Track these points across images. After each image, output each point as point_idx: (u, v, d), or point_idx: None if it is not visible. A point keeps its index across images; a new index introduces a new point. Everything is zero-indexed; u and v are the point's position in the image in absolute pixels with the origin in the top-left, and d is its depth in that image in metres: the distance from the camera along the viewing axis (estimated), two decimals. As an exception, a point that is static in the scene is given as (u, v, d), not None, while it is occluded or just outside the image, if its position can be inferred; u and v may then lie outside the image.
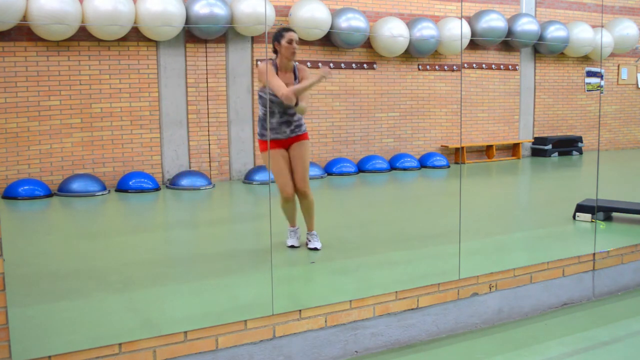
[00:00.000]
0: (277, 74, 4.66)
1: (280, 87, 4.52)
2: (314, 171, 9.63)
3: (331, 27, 9.72)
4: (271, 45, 4.80)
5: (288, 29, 4.70)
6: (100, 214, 7.34)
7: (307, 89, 4.58)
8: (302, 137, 4.80)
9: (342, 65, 10.29)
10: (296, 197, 4.85)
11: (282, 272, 4.19)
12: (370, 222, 6.39)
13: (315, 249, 4.84)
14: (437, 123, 11.37)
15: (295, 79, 4.75)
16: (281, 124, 4.69)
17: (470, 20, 11.27)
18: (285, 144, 4.77)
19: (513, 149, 12.25)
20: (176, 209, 7.79)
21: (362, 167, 10.24)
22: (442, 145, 11.38)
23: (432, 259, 4.69)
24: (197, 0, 8.72)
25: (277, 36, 4.67)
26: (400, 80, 10.90)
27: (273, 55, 4.84)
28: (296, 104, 4.60)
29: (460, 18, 10.99)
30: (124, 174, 8.60)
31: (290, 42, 4.62)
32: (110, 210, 7.56)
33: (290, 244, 4.92)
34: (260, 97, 4.69)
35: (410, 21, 10.60)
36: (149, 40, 8.77)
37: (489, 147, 11.82)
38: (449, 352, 3.68)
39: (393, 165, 10.53)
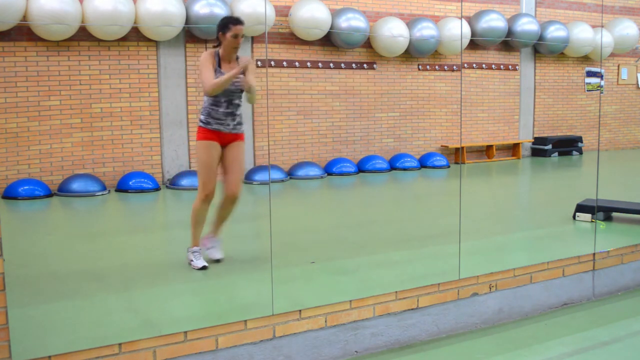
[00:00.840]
0: (219, 65, 4.41)
1: (205, 82, 4.32)
2: (314, 171, 9.63)
3: (331, 27, 9.72)
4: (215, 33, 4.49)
5: (237, 21, 4.38)
6: (100, 214, 7.34)
7: (228, 81, 4.27)
8: (241, 136, 4.56)
9: (342, 65, 10.29)
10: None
11: (282, 272, 4.19)
12: (370, 222, 6.39)
13: (219, 260, 4.57)
14: (437, 123, 11.37)
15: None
16: (227, 115, 4.45)
17: (470, 20, 11.27)
18: (224, 139, 4.49)
19: (513, 149, 12.25)
20: (176, 209, 7.79)
21: (362, 167, 10.24)
22: (442, 145, 11.38)
23: (432, 259, 4.69)
24: (197, 0, 8.72)
25: (223, 27, 4.35)
26: (400, 80, 10.90)
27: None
28: (241, 91, 4.42)
29: (460, 18, 10.99)
30: (124, 174, 8.60)
31: (235, 37, 4.34)
32: (110, 210, 7.56)
33: (201, 265, 4.36)
34: None
35: (410, 21, 10.59)
36: (149, 40, 8.77)
37: (489, 147, 11.82)
38: (449, 352, 3.68)
39: (393, 165, 10.53)
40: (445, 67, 11.30)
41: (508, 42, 11.70)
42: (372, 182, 9.42)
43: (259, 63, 9.53)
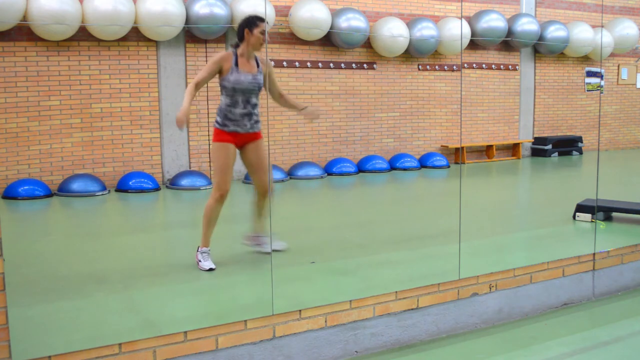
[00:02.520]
0: (237, 63, 4.41)
1: (195, 79, 4.34)
2: (314, 171, 9.63)
3: (331, 27, 9.72)
4: (238, 31, 4.53)
5: (262, 19, 4.49)
6: (100, 214, 7.34)
7: (185, 107, 4.28)
8: (259, 135, 4.60)
9: (342, 65, 10.29)
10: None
11: (282, 272, 4.19)
12: (370, 222, 6.39)
13: (280, 250, 4.69)
14: (437, 123, 11.37)
15: (257, 67, 4.52)
16: (243, 116, 4.44)
17: (470, 20, 11.27)
18: (242, 140, 4.51)
19: (513, 149, 12.25)
20: (176, 209, 7.79)
21: (362, 167, 10.24)
22: (442, 145, 11.38)
23: (432, 259, 4.69)
24: (197, 0, 8.72)
25: (250, 23, 4.44)
26: (400, 80, 10.90)
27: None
28: (259, 90, 4.51)
29: (460, 18, 10.99)
30: (124, 174, 8.60)
31: (262, 33, 4.42)
32: (110, 210, 7.56)
33: (209, 267, 4.37)
34: (224, 86, 4.39)
35: (410, 21, 10.59)
36: (149, 40, 8.77)
37: (489, 147, 11.82)
38: (449, 352, 3.68)
39: (393, 165, 10.53)
40: (445, 67, 11.30)
41: (508, 42, 11.70)
42: (372, 182, 9.42)
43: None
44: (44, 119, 8.29)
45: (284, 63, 9.77)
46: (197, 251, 4.53)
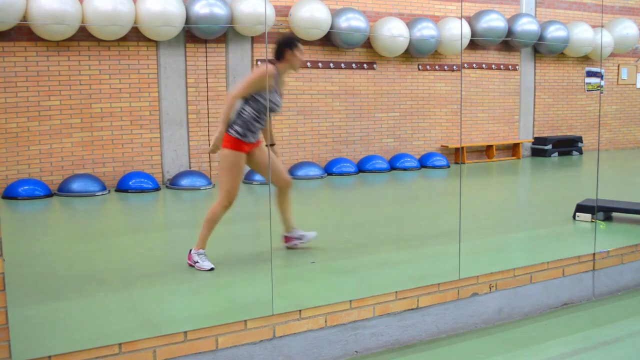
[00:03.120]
0: (276, 79, 4.56)
1: (235, 92, 4.42)
2: (314, 171, 9.63)
3: (331, 27, 9.72)
4: (274, 49, 4.63)
5: (298, 39, 4.72)
6: (100, 214, 7.34)
7: (220, 130, 4.43)
8: (260, 141, 4.72)
9: (342, 65, 10.29)
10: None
11: (282, 272, 4.19)
12: (370, 222, 6.39)
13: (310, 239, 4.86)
14: (437, 123, 11.37)
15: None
16: (260, 129, 4.60)
17: (470, 20, 11.27)
18: (249, 148, 4.58)
19: (513, 149, 12.25)
20: (176, 209, 7.79)
21: (362, 167, 10.24)
22: (442, 145, 11.38)
23: (432, 259, 4.69)
24: (197, 0, 8.72)
25: (292, 44, 4.58)
26: (400, 80, 10.90)
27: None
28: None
29: (460, 18, 10.99)
30: (124, 174, 8.60)
31: (302, 53, 4.64)
32: (110, 210, 7.56)
33: (209, 266, 4.39)
34: (258, 101, 4.45)
35: (410, 21, 10.59)
36: (149, 40, 8.77)
37: (489, 147, 11.82)
38: (449, 352, 3.68)
39: (393, 165, 10.53)
40: (445, 67, 11.30)
41: (508, 42, 11.70)
42: (372, 182, 9.42)
43: (258, 63, 9.54)
44: (44, 119, 8.29)
45: (284, 63, 9.77)
46: (192, 253, 4.50)
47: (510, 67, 12.04)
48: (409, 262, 4.60)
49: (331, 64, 10.18)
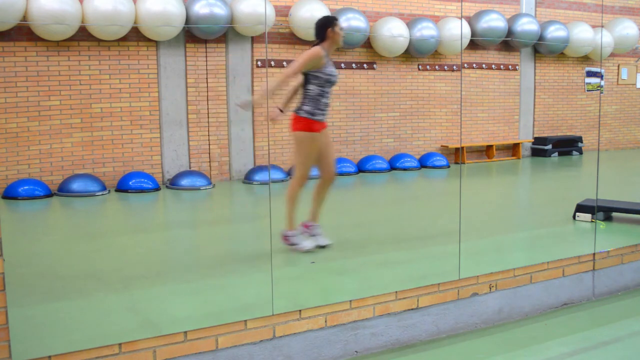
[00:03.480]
0: (326, 57, 4.71)
1: (291, 68, 4.59)
2: (314, 171, 9.61)
3: (331, 27, 9.70)
4: (315, 32, 4.79)
5: (336, 17, 4.86)
6: (100, 214, 7.34)
7: (274, 88, 4.74)
8: (326, 124, 4.88)
9: (342, 65, 10.29)
10: None
11: (282, 272, 4.19)
12: (370, 222, 6.39)
13: (325, 246, 4.88)
14: (437, 123, 11.37)
15: None
16: (326, 106, 4.77)
17: (470, 20, 11.27)
18: (321, 128, 4.78)
19: (513, 149, 12.25)
20: (176, 209, 7.79)
21: (362, 167, 10.24)
22: (442, 145, 11.38)
23: (432, 259, 4.69)
24: (197, 0, 8.72)
25: (330, 23, 4.74)
26: (400, 80, 10.90)
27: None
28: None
29: (460, 18, 10.99)
30: (124, 174, 8.60)
31: (342, 29, 4.80)
32: (110, 210, 7.56)
33: (311, 245, 4.71)
34: (318, 77, 4.66)
35: (410, 21, 10.59)
36: (149, 40, 8.77)
37: (489, 147, 11.82)
38: (449, 352, 3.68)
39: (393, 165, 10.52)
40: (445, 67, 11.30)
41: (508, 42, 11.70)
42: (372, 182, 9.42)
43: (258, 63, 9.54)
44: (44, 119, 8.29)
45: (284, 63, 9.77)
46: (288, 236, 4.72)
47: (510, 67, 12.04)
48: (409, 262, 4.60)
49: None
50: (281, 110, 4.87)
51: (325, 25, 4.75)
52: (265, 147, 9.68)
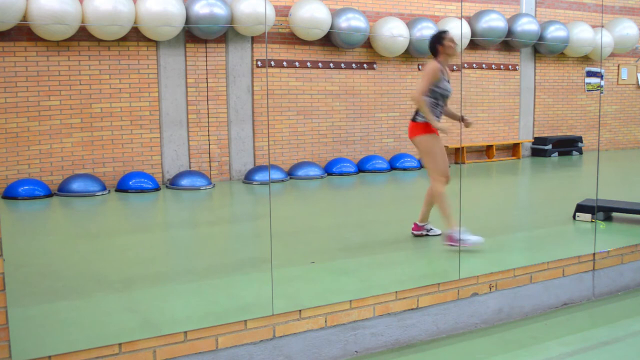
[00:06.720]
0: (442, 71, 4.98)
1: (418, 91, 4.98)
2: (314, 171, 9.63)
3: (331, 27, 9.72)
4: (429, 49, 5.10)
5: (445, 30, 5.13)
6: (100, 214, 7.34)
7: (429, 119, 4.98)
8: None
9: (342, 65, 10.29)
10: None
11: (282, 272, 4.19)
12: (370, 222, 6.39)
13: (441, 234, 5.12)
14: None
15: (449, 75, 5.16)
16: (439, 114, 5.09)
17: (470, 20, 11.27)
18: (435, 131, 5.07)
19: (513, 149, 12.25)
20: (176, 209, 7.79)
21: (362, 167, 10.24)
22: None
23: (432, 259, 4.69)
24: (197, 0, 8.72)
25: (439, 39, 5.01)
26: (400, 80, 10.90)
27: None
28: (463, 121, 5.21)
29: (460, 18, 10.99)
30: (124, 174, 8.60)
31: (451, 40, 4.99)
32: (110, 210, 7.56)
33: (477, 239, 4.68)
34: (434, 91, 4.98)
35: (410, 21, 10.59)
36: (149, 40, 8.77)
37: (489, 147, 11.82)
38: (449, 352, 3.68)
39: (393, 165, 10.52)
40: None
41: (508, 42, 11.70)
42: (372, 182, 9.42)
43: (258, 63, 9.54)
44: (44, 119, 8.29)
45: (284, 63, 9.78)
46: (450, 235, 4.73)
47: (510, 67, 12.04)
48: (409, 262, 4.60)
49: (331, 64, 10.18)
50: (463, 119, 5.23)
51: (435, 42, 5.03)
52: (265, 147, 9.68)
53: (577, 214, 5.76)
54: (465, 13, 11.45)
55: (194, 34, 8.98)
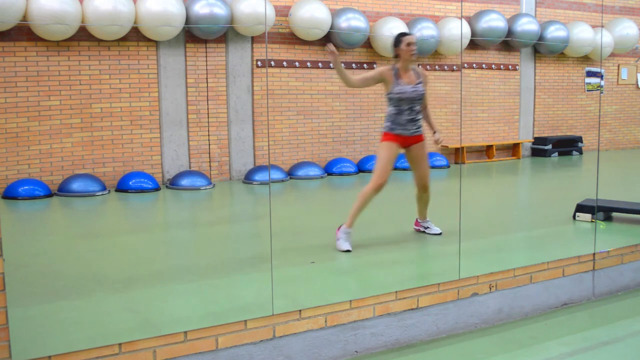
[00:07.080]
0: (397, 76, 4.98)
1: (356, 78, 5.10)
2: (314, 171, 9.63)
3: (331, 27, 9.72)
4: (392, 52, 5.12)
5: (405, 33, 5.07)
6: (100, 214, 7.34)
7: (339, 72, 5.19)
8: (421, 137, 5.20)
9: (342, 65, 10.26)
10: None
11: (282, 272, 4.19)
12: (370, 222, 6.38)
13: (440, 233, 5.32)
14: (437, 123, 11.30)
15: (418, 78, 5.06)
16: (408, 122, 5.09)
17: (470, 20, 11.27)
18: (406, 142, 5.13)
19: (513, 149, 12.25)
20: (176, 209, 7.79)
21: (362, 167, 10.24)
22: (442, 145, 11.38)
23: (432, 259, 4.69)
24: (197, 0, 8.72)
25: (397, 42, 4.99)
26: (400, 80, 10.88)
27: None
28: (420, 99, 5.15)
29: (460, 18, 10.99)
30: (124, 174, 8.60)
31: (409, 44, 4.94)
32: (110, 210, 7.56)
33: (346, 248, 4.81)
34: (390, 98, 5.05)
35: (410, 21, 10.59)
36: (149, 40, 8.77)
37: (489, 147, 11.82)
38: (449, 352, 3.68)
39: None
40: (445, 67, 11.30)
41: (508, 42, 11.70)
42: (372, 182, 9.40)
43: (258, 63, 9.54)
44: (44, 119, 8.29)
45: (284, 63, 9.78)
46: (339, 229, 4.92)
47: (510, 67, 12.04)
48: (409, 262, 4.60)
49: (331, 64, 10.14)
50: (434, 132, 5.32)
51: (393, 46, 5.04)
52: (265, 147, 9.68)
53: (577, 214, 5.76)
54: (465, 13, 11.45)
55: (194, 34, 8.98)
